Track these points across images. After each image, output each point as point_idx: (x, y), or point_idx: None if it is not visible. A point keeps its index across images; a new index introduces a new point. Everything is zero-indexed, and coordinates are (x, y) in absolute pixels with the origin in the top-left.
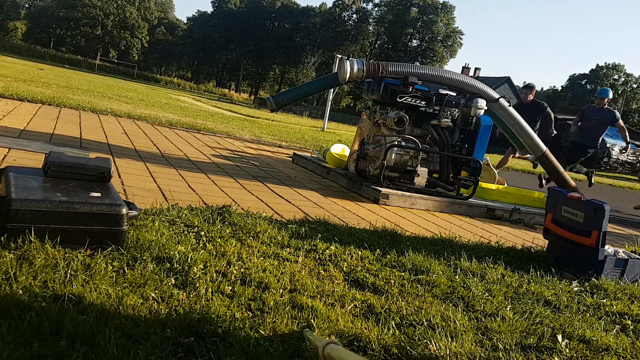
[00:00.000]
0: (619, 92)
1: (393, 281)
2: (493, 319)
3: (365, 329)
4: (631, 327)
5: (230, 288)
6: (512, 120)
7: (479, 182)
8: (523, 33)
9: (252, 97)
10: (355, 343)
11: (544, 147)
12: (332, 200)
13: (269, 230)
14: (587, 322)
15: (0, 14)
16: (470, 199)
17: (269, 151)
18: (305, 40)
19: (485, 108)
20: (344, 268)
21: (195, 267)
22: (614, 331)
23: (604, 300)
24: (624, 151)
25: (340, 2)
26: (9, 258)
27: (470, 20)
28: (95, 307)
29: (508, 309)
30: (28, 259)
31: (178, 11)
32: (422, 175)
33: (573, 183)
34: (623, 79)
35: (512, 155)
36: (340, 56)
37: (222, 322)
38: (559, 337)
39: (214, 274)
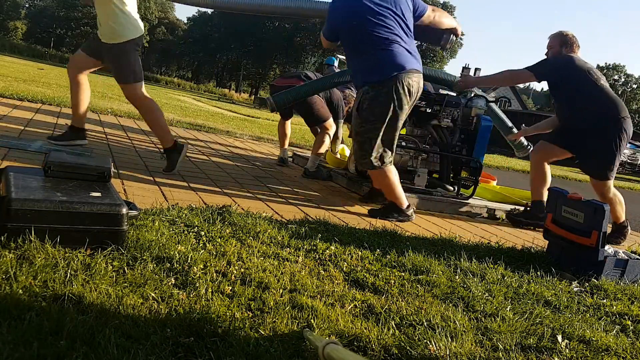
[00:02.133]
0: (619, 92)
1: (393, 281)
2: (493, 319)
3: (365, 329)
4: (631, 327)
5: (230, 288)
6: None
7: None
8: (523, 33)
9: (253, 97)
10: (355, 343)
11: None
12: (332, 200)
13: (269, 230)
14: (587, 322)
15: (0, 13)
16: (470, 199)
17: (269, 151)
18: (305, 40)
19: (485, 108)
20: (344, 268)
21: (195, 267)
22: (614, 331)
23: (604, 301)
24: None
25: None
26: (9, 258)
27: (471, 20)
28: (95, 307)
29: (508, 309)
30: (28, 259)
31: (178, 11)
32: (422, 176)
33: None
34: (623, 80)
35: None
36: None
37: (222, 322)
38: (559, 338)
39: (214, 274)
